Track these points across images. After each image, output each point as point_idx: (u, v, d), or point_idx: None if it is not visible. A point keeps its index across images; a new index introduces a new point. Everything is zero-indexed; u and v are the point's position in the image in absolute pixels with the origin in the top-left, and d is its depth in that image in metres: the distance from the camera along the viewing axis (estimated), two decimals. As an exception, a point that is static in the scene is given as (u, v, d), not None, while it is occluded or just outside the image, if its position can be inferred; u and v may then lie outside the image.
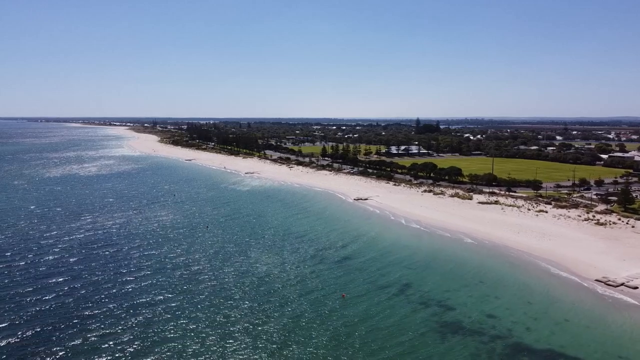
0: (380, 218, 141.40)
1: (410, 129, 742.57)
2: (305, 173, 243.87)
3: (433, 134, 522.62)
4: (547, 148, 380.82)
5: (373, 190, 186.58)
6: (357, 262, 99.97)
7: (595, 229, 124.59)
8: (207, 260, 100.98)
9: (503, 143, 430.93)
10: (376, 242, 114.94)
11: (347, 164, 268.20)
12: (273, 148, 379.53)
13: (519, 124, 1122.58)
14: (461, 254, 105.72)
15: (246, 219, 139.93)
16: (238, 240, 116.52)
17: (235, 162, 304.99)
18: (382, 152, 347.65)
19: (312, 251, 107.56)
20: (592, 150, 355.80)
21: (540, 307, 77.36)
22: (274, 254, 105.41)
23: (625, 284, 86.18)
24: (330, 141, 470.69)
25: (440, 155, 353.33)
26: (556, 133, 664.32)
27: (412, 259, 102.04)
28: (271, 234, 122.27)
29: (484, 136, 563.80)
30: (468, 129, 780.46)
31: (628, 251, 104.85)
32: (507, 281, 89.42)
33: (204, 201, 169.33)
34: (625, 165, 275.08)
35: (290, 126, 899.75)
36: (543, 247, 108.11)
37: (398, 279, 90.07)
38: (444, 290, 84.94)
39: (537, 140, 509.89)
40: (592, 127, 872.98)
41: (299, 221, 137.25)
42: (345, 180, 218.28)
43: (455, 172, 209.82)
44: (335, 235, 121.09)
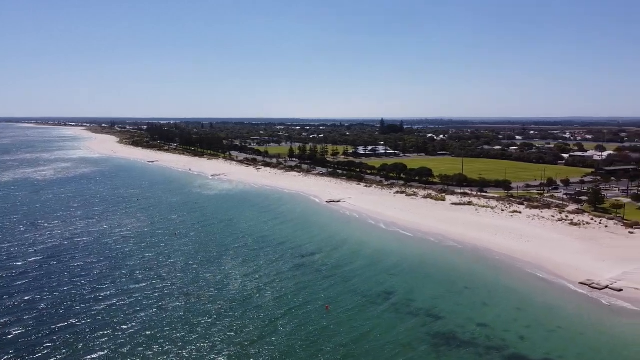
0: (357, 222, 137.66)
1: (374, 129, 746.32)
2: (274, 174, 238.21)
3: (397, 134, 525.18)
4: (509, 148, 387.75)
5: (345, 192, 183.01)
6: (336, 269, 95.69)
7: (570, 229, 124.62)
8: (178, 272, 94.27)
9: (467, 143, 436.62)
10: (355, 248, 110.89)
11: (316, 165, 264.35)
12: (238, 149, 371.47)
13: (477, 124, 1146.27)
14: (443, 258, 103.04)
15: (217, 225, 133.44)
16: (210, 249, 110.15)
17: (201, 163, 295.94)
18: (349, 153, 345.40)
19: (290, 259, 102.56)
20: (553, 150, 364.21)
21: (530, 314, 75.07)
22: (249, 263, 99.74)
23: (609, 287, 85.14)
24: (296, 141, 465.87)
25: (406, 155, 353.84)
26: (515, 133, 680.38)
27: (394, 265, 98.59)
28: (245, 241, 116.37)
29: (446, 136, 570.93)
30: (430, 129, 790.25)
31: (605, 252, 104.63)
32: (493, 286, 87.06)
33: (171, 206, 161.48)
34: (586, 164, 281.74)
35: (254, 126, 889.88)
36: (523, 249, 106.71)
37: (382, 287, 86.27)
38: (431, 297, 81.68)
39: (498, 140, 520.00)
40: (547, 127, 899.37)
41: (273, 226, 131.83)
42: (316, 181, 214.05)
43: (426, 172, 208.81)
44: (313, 241, 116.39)
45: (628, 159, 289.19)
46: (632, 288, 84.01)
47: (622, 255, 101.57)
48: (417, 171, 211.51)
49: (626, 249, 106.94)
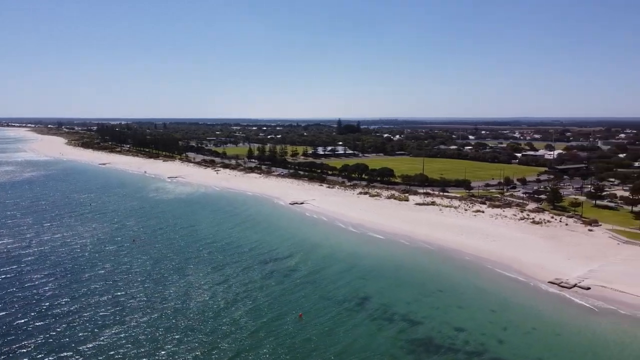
0: (324, 224, 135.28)
1: (331, 129, 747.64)
2: (233, 176, 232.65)
3: (355, 134, 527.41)
4: (464, 148, 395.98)
5: (308, 194, 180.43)
6: (308, 275, 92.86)
7: (532, 228, 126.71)
8: (140, 283, 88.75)
9: (423, 143, 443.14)
10: (325, 252, 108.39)
11: (277, 166, 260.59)
12: (195, 150, 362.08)
13: (430, 124, 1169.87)
14: (413, 260, 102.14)
15: (179, 231, 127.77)
16: (173, 257, 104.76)
17: (156, 165, 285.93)
18: (308, 153, 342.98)
19: (258, 265, 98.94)
20: (506, 150, 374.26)
21: (505, 316, 74.76)
22: (216, 271, 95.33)
23: (577, 285, 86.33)
24: (253, 142, 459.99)
25: (365, 155, 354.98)
26: (468, 133, 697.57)
27: (365, 268, 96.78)
28: (210, 248, 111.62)
29: (403, 136, 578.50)
30: (386, 129, 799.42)
31: (570, 250, 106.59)
32: (465, 288, 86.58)
33: (127, 211, 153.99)
34: (538, 163, 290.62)
35: (209, 127, 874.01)
36: (490, 249, 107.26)
37: (355, 292, 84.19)
38: (405, 302, 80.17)
39: (453, 139, 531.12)
40: (497, 127, 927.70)
41: (238, 231, 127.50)
42: (277, 183, 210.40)
43: (388, 173, 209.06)
44: (280, 245, 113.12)
45: (577, 158, 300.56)
46: (599, 286, 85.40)
47: (585, 253, 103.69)
48: (378, 171, 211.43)
49: (588, 246, 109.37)
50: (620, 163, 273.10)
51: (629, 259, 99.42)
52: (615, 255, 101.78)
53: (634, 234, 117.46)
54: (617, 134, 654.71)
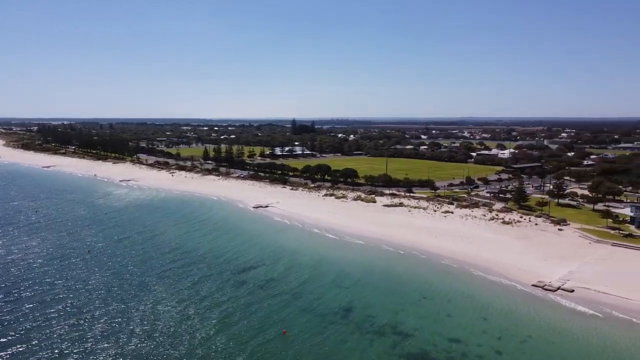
0: (293, 229, 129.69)
1: (284, 129, 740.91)
2: (190, 179, 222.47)
3: (310, 134, 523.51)
4: (420, 147, 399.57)
5: (271, 196, 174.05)
6: (285, 285, 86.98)
7: (503, 228, 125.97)
8: (98, 302, 79.79)
9: (379, 143, 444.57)
10: (298, 258, 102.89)
11: (235, 167, 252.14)
12: (146, 151, 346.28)
13: (380, 124, 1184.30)
14: (392, 265, 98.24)
15: (137, 240, 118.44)
16: (134, 270, 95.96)
17: (106, 168, 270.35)
18: (266, 154, 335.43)
19: (230, 276, 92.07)
20: (460, 149, 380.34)
21: (496, 323, 71.79)
22: (183, 284, 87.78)
23: (561, 288, 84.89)
24: (206, 143, 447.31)
25: (323, 155, 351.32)
26: (420, 132, 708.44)
27: (343, 276, 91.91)
28: (173, 257, 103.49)
29: (358, 136, 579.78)
30: (340, 129, 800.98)
31: (544, 250, 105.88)
32: (450, 294, 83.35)
33: (78, 219, 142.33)
34: (494, 162, 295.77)
35: (159, 127, 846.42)
36: (467, 252, 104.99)
37: (338, 302, 79.15)
38: (391, 311, 75.88)
39: (406, 139, 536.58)
40: (446, 127, 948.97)
41: (202, 238, 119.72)
42: (238, 185, 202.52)
43: (351, 173, 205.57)
44: (251, 253, 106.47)
45: (531, 157, 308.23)
46: (582, 288, 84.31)
47: (560, 254, 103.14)
48: (342, 172, 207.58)
49: (561, 246, 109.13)
50: (571, 161, 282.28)
51: (604, 259, 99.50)
52: (590, 255, 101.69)
53: (603, 232, 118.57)
54: (558, 134, 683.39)
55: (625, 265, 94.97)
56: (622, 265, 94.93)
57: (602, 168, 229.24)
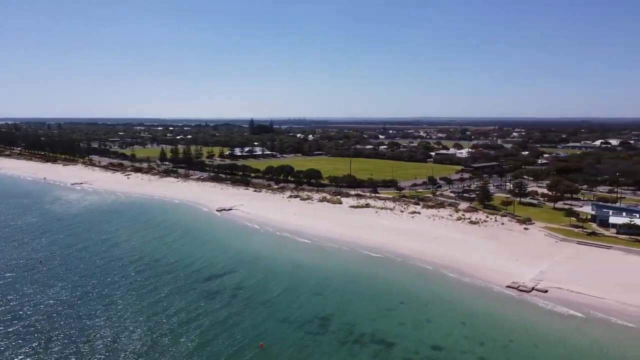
0: (260, 233, 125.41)
1: (242, 129, 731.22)
2: (148, 181, 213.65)
3: (269, 134, 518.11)
4: (380, 147, 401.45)
5: (234, 198, 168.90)
6: (258, 294, 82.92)
7: (471, 228, 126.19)
8: (54, 318, 73.28)
9: (339, 143, 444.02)
10: (267, 263, 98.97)
11: (194, 169, 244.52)
12: (99, 152, 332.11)
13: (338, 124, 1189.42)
14: (365, 269, 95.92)
15: (94, 248, 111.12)
16: (92, 281, 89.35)
17: (56, 170, 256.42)
18: (225, 154, 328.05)
19: (197, 285, 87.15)
20: (419, 148, 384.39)
21: (477, 328, 70.42)
22: (148, 297, 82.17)
23: (535, 288, 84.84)
24: (162, 143, 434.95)
25: (283, 156, 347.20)
26: (377, 132, 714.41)
27: (316, 281, 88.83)
28: (136, 267, 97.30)
29: (317, 136, 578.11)
30: (298, 129, 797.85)
31: (514, 250, 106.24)
32: (426, 298, 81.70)
33: (28, 226, 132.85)
34: (452, 161, 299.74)
35: (110, 127, 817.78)
36: (439, 253, 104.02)
37: (314, 311, 75.94)
38: (370, 319, 73.39)
39: (365, 139, 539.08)
40: (402, 127, 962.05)
41: (165, 245, 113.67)
42: (199, 187, 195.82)
43: (315, 174, 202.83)
44: (218, 260, 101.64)
45: (488, 156, 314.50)
46: (555, 288, 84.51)
47: (530, 253, 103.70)
48: (305, 173, 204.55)
49: (529, 245, 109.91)
50: (526, 160, 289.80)
51: (572, 258, 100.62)
52: (558, 255, 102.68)
53: (567, 231, 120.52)
54: (509, 133, 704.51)
55: (593, 264, 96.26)
56: (590, 264, 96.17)
57: (557, 167, 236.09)
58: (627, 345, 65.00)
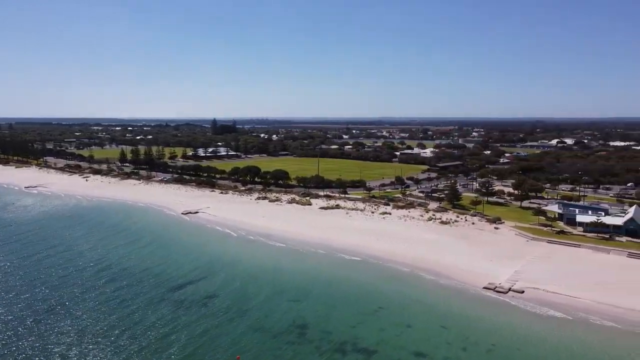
0: (230, 236, 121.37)
1: (203, 129, 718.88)
2: (108, 184, 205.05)
3: (232, 134, 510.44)
4: (345, 147, 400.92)
5: (200, 201, 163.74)
6: (231, 303, 79.17)
7: (443, 228, 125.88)
8: (10, 337, 67.68)
9: (304, 143, 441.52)
10: (239, 269, 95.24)
11: (157, 170, 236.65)
12: (54, 154, 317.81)
13: (301, 124, 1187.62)
14: (341, 273, 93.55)
15: (53, 257, 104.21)
16: (51, 293, 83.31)
17: (9, 173, 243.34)
18: (188, 155, 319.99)
19: (166, 294, 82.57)
20: (383, 148, 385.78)
21: (458, 332, 69.01)
22: (114, 307, 77.24)
23: (512, 289, 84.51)
24: (121, 144, 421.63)
25: (248, 156, 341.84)
26: (341, 132, 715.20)
27: (292, 287, 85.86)
28: (97, 277, 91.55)
29: (281, 136, 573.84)
30: (261, 129, 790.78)
31: (487, 250, 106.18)
32: (404, 302, 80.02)
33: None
34: (417, 161, 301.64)
35: (66, 127, 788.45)
36: (413, 255, 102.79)
37: (291, 319, 72.96)
38: (349, 325, 70.98)
39: (330, 139, 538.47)
40: (365, 127, 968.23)
41: (128, 251, 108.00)
42: (162, 190, 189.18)
43: (282, 175, 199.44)
44: (187, 267, 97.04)
45: (452, 155, 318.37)
46: (531, 288, 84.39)
47: (503, 253, 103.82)
48: (272, 174, 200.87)
49: (501, 245, 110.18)
50: (489, 160, 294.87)
51: (544, 257, 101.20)
52: (531, 254, 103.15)
53: (536, 230, 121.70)
54: (469, 133, 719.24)
55: (565, 263, 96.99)
56: (562, 264, 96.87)
57: (520, 166, 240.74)
58: (607, 345, 64.96)
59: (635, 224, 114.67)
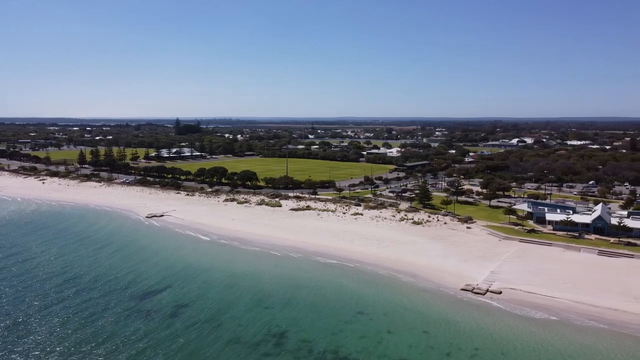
0: (199, 241, 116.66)
1: (166, 129, 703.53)
2: (66, 186, 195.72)
3: (196, 135, 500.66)
4: (311, 147, 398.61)
5: (165, 203, 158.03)
6: (203, 312, 75.30)
7: (416, 229, 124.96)
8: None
9: (270, 143, 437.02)
10: (211, 276, 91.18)
11: (118, 172, 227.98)
12: (7, 155, 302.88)
13: (265, 124, 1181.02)
14: (316, 277, 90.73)
15: (7, 266, 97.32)
16: (5, 307, 77.51)
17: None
18: (151, 156, 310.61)
19: (133, 304, 77.86)
20: (350, 148, 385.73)
21: (440, 337, 67.44)
22: (75, 320, 72.16)
23: (489, 290, 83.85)
24: (80, 145, 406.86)
25: (214, 157, 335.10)
26: (307, 132, 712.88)
27: (266, 293, 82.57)
28: (58, 287, 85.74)
29: (247, 136, 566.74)
30: (225, 129, 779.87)
31: (461, 251, 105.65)
32: (384, 306, 77.96)
33: None
34: (384, 160, 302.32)
35: (20, 127, 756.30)
36: (388, 257, 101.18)
37: (267, 328, 69.78)
38: (328, 333, 68.40)
39: (296, 139, 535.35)
40: (329, 126, 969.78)
41: (91, 259, 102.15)
42: (125, 192, 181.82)
43: (251, 176, 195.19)
44: (155, 274, 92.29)
45: (418, 155, 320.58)
46: (508, 289, 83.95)
47: (477, 253, 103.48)
48: (240, 175, 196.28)
49: (475, 245, 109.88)
50: (454, 159, 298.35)
51: (518, 257, 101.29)
52: (504, 254, 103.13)
53: (508, 229, 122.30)
54: (432, 132, 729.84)
55: (539, 263, 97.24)
56: (536, 263, 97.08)
57: (486, 165, 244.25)
58: (591, 346, 64.51)
59: (603, 221, 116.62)
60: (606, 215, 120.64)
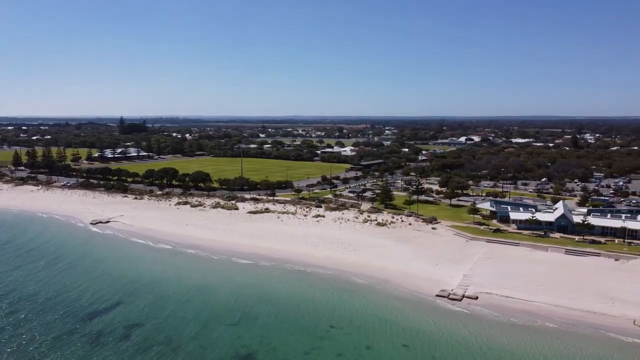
0: (151, 249, 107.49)
1: (110, 128, 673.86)
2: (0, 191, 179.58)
3: (142, 134, 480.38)
4: (264, 146, 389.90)
5: (111, 208, 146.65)
6: (157, 333, 67.20)
7: (381, 230, 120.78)
8: None
9: (221, 142, 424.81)
10: (166, 290, 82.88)
11: (58, 174, 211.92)
12: None
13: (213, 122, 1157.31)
14: (283, 288, 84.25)
15: None
16: None
17: None
18: (94, 157, 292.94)
19: (75, 326, 68.65)
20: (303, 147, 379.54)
21: (421, 350, 62.96)
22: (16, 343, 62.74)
23: (465, 296, 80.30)
24: (15, 145, 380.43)
25: (162, 157, 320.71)
26: (257, 131, 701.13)
27: (230, 309, 75.32)
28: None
29: (195, 135, 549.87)
30: (172, 128, 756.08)
31: (430, 253, 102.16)
32: (358, 318, 72.51)
33: None
34: (340, 160, 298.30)
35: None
36: (357, 262, 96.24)
37: (233, 348, 62.82)
38: (302, 352, 62.34)
39: (247, 138, 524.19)
40: (280, 125, 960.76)
41: (28, 273, 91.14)
42: (66, 196, 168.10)
43: (204, 177, 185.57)
44: (100, 290, 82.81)
45: (372, 154, 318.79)
46: (484, 293, 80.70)
47: (446, 256, 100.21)
48: (192, 176, 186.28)
49: (443, 247, 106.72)
50: (408, 157, 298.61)
51: (488, 258, 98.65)
52: (474, 255, 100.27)
53: (473, 229, 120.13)
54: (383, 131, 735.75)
55: (510, 264, 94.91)
56: (507, 264, 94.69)
57: (441, 163, 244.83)
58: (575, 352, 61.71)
59: (566, 219, 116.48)
60: (568, 213, 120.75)
